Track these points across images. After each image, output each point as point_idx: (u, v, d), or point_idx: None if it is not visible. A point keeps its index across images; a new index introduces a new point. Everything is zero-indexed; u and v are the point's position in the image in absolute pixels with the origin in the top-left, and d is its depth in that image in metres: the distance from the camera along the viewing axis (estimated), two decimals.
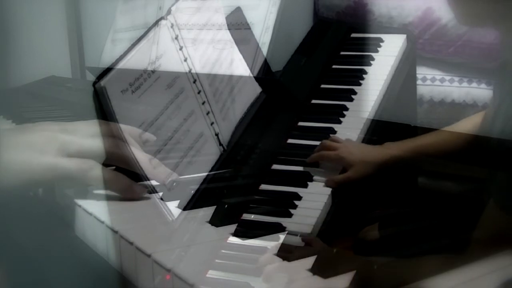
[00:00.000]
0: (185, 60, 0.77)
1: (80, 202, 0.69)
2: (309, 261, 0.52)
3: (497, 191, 0.58)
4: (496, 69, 0.73)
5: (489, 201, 0.57)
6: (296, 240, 0.59)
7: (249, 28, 0.86)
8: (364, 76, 0.89)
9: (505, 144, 0.61)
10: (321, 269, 0.50)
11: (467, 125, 0.79)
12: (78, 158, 0.67)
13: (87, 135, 0.69)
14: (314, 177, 0.72)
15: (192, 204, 0.67)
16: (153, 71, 0.72)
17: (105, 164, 0.69)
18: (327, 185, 0.71)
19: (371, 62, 0.92)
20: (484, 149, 0.65)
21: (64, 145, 0.67)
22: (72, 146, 0.67)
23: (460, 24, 0.64)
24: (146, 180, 0.69)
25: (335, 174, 0.73)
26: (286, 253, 0.55)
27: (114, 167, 0.71)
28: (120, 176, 0.69)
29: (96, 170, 0.67)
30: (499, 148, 0.62)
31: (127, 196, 0.69)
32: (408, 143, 0.77)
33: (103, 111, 0.68)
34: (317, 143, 0.78)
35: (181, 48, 0.77)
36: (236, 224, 0.61)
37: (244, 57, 0.83)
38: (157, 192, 0.70)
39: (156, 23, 0.76)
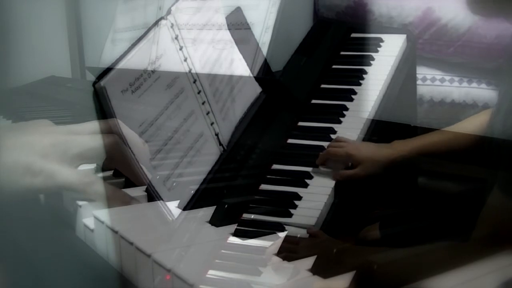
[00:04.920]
0: (185, 60, 0.77)
1: (81, 202, 0.69)
2: (309, 261, 0.52)
3: (503, 180, 0.58)
4: (502, 66, 0.72)
5: (492, 192, 0.57)
6: (302, 232, 0.60)
7: (249, 28, 0.86)
8: (364, 76, 0.89)
9: None
10: (321, 269, 0.50)
11: (473, 124, 0.78)
12: (80, 170, 0.67)
13: (88, 133, 0.69)
14: (317, 171, 0.73)
15: (192, 204, 0.67)
16: (153, 71, 0.72)
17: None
18: (333, 178, 0.71)
19: (371, 62, 0.92)
20: (492, 148, 0.65)
21: (67, 149, 0.66)
22: (75, 149, 0.67)
23: (472, 13, 0.64)
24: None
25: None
26: (291, 244, 0.55)
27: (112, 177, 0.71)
28: (119, 193, 0.70)
29: (97, 185, 0.67)
30: (508, 148, 0.62)
31: None
32: (416, 141, 0.76)
33: (103, 111, 0.68)
34: (317, 143, 0.78)
35: (181, 48, 0.77)
36: (236, 224, 0.61)
37: (244, 57, 0.83)
38: (157, 192, 0.70)
39: (156, 23, 0.76)
